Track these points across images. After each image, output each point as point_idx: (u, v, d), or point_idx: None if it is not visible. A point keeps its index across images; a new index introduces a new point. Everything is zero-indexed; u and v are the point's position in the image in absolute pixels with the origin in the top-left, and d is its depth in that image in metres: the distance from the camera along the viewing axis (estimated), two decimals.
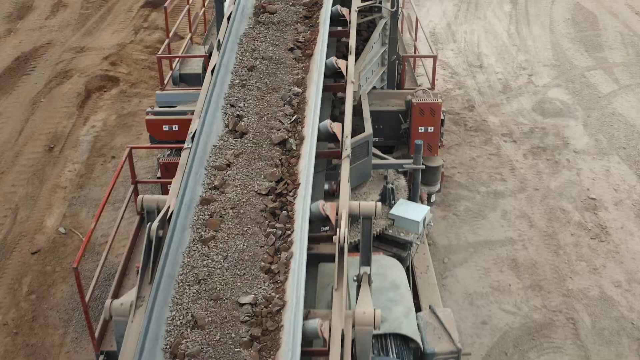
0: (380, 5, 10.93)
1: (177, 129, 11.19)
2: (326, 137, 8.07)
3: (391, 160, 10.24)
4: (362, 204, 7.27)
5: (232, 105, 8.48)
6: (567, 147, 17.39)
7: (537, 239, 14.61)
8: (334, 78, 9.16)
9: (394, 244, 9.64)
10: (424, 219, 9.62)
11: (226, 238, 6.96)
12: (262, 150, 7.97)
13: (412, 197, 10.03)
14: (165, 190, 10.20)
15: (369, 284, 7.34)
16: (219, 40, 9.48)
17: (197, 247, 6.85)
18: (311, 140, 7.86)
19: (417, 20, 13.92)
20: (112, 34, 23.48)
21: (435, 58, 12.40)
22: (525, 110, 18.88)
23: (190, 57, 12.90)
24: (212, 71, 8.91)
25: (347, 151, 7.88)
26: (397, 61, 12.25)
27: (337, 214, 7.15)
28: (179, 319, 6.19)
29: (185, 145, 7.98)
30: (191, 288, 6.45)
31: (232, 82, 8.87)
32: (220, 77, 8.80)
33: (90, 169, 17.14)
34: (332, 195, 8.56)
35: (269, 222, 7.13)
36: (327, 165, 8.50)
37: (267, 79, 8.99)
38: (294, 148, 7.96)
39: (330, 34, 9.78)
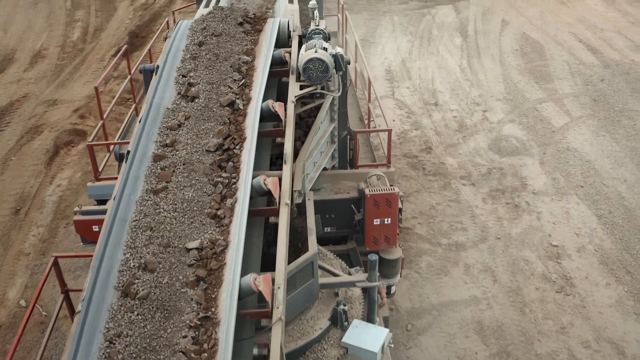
0: (322, 91, 8.16)
1: None
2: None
3: (342, 277, 7.40)
4: None
5: (183, 76, 7.91)
6: (526, 188, 14.79)
7: (502, 296, 12.04)
8: (265, 197, 6.53)
9: None
10: (383, 345, 6.97)
11: (176, 189, 6.47)
12: (211, 113, 7.40)
13: (369, 317, 7.35)
14: None
15: None
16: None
17: (149, 197, 6.38)
18: (257, 100, 7.45)
19: (369, 82, 11.21)
20: (84, 84, 20.66)
21: (390, 132, 9.68)
22: (482, 150, 16.25)
23: (124, 143, 10.11)
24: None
25: (278, 310, 5.27)
26: (348, 136, 9.53)
27: None
28: (132, 262, 5.74)
29: (78, 308, 5.49)
30: (144, 233, 6.00)
31: (184, 57, 8.23)
32: (172, 55, 8.25)
33: (54, 233, 14.43)
34: None
35: (216, 173, 6.64)
36: (255, 327, 5.84)
37: (217, 50, 8.34)
38: (241, 107, 7.42)
39: (261, 134, 7.13)
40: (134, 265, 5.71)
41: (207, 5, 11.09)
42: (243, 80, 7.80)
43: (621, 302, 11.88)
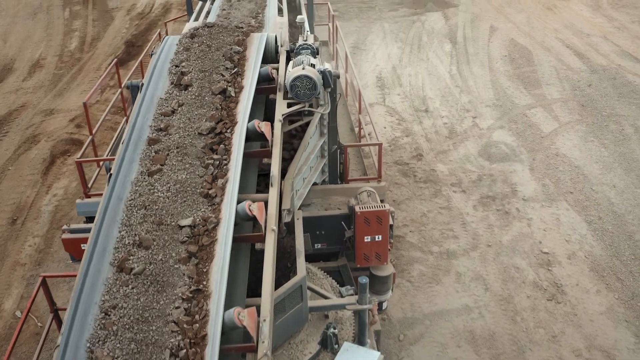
0: (311, 109, 7.72)
1: None
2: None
3: (332, 300, 6.97)
4: None
5: (176, 66, 7.87)
6: (516, 194, 14.39)
7: (494, 305, 11.64)
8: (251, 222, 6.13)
9: None
10: None
11: (170, 171, 6.48)
12: (204, 100, 7.35)
13: (360, 339, 6.93)
14: None
15: None
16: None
17: (144, 178, 6.41)
18: (249, 88, 7.41)
19: (359, 93, 10.79)
20: (81, 94, 20.20)
21: (380, 145, 9.26)
22: (472, 156, 15.84)
23: (112, 159, 9.66)
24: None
25: (264, 345, 4.87)
26: (338, 150, 9.09)
27: None
28: (127, 239, 5.78)
29: (57, 342, 5.13)
30: (138, 212, 6.04)
31: (177, 50, 8.21)
32: (166, 49, 8.24)
33: (49, 243, 14.00)
34: None
35: (208, 156, 6.63)
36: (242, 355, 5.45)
37: (209, 41, 8.26)
38: (233, 95, 7.37)
39: (247, 155, 6.72)
40: (128, 242, 5.76)
41: (197, 19, 10.69)
42: (235, 69, 7.75)
43: (612, 309, 11.49)
